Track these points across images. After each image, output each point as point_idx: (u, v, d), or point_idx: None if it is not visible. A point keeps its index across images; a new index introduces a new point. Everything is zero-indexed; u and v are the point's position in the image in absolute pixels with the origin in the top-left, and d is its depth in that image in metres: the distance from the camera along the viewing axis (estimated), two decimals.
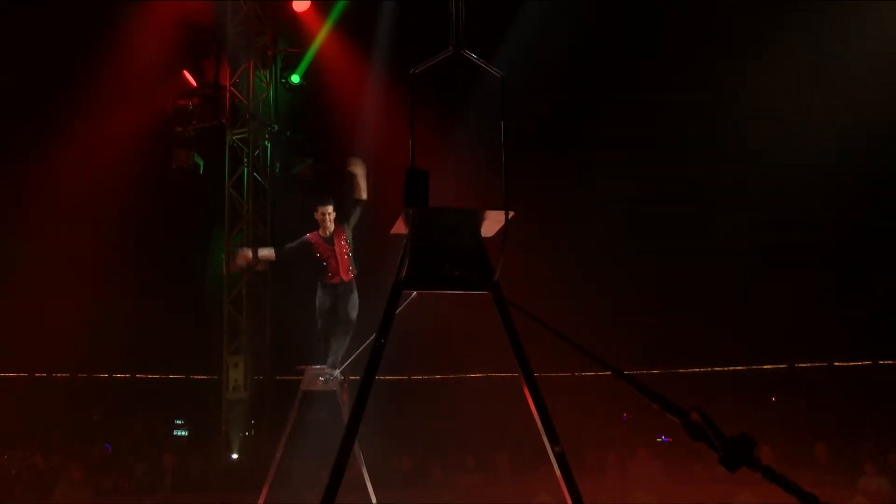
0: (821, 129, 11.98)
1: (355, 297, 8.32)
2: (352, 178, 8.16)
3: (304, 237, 8.33)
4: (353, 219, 8.26)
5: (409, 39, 13.20)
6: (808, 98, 12.12)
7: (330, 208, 8.27)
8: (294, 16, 14.09)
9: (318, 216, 8.29)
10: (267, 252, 8.47)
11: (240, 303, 13.56)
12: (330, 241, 8.31)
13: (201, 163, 13.63)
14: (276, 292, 13.84)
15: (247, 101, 13.85)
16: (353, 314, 8.20)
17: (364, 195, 8.19)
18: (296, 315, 13.40)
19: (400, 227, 4.71)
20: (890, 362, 12.16)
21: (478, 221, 4.59)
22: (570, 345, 4.68)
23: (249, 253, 8.59)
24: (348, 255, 8.25)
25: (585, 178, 13.68)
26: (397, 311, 4.83)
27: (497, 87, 4.84)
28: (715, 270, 13.14)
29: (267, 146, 14.09)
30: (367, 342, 6.24)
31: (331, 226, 8.26)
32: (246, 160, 13.82)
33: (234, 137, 13.88)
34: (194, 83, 13.71)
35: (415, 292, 5.28)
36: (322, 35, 13.97)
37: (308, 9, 13.95)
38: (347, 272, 8.27)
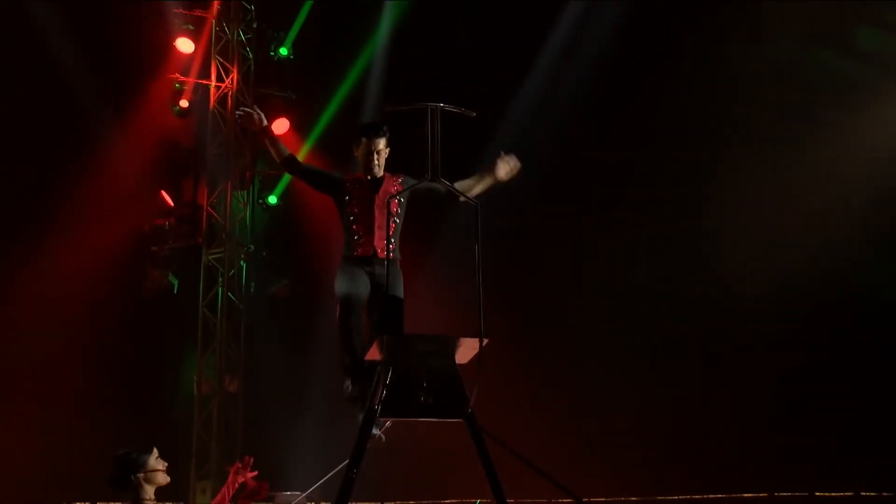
0: (788, 252, 12.06)
1: (401, 282, 5.50)
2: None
3: (335, 173, 5.86)
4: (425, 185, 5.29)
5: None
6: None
7: (381, 143, 5.72)
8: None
9: (357, 154, 5.80)
10: (280, 146, 5.87)
11: (210, 425, 13.26)
12: (374, 186, 5.68)
13: (176, 282, 13.58)
14: (248, 415, 13.57)
15: (223, 221, 13.90)
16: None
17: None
18: (268, 439, 13.15)
19: (374, 354, 4.68)
20: (872, 494, 11.97)
21: (452, 348, 4.58)
22: (543, 476, 4.59)
23: (259, 116, 5.88)
24: (394, 222, 5.40)
25: (557, 300, 13.65)
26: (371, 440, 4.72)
27: (473, 214, 4.90)
28: (690, 396, 13.02)
29: (242, 266, 14.06)
30: (338, 468, 6.07)
31: (379, 168, 5.71)
32: (221, 280, 13.77)
33: (210, 257, 13.86)
34: (171, 203, 13.79)
35: (389, 420, 5.20)
36: (301, 156, 14.12)
37: (287, 130, 14.18)
38: (384, 246, 5.36)
